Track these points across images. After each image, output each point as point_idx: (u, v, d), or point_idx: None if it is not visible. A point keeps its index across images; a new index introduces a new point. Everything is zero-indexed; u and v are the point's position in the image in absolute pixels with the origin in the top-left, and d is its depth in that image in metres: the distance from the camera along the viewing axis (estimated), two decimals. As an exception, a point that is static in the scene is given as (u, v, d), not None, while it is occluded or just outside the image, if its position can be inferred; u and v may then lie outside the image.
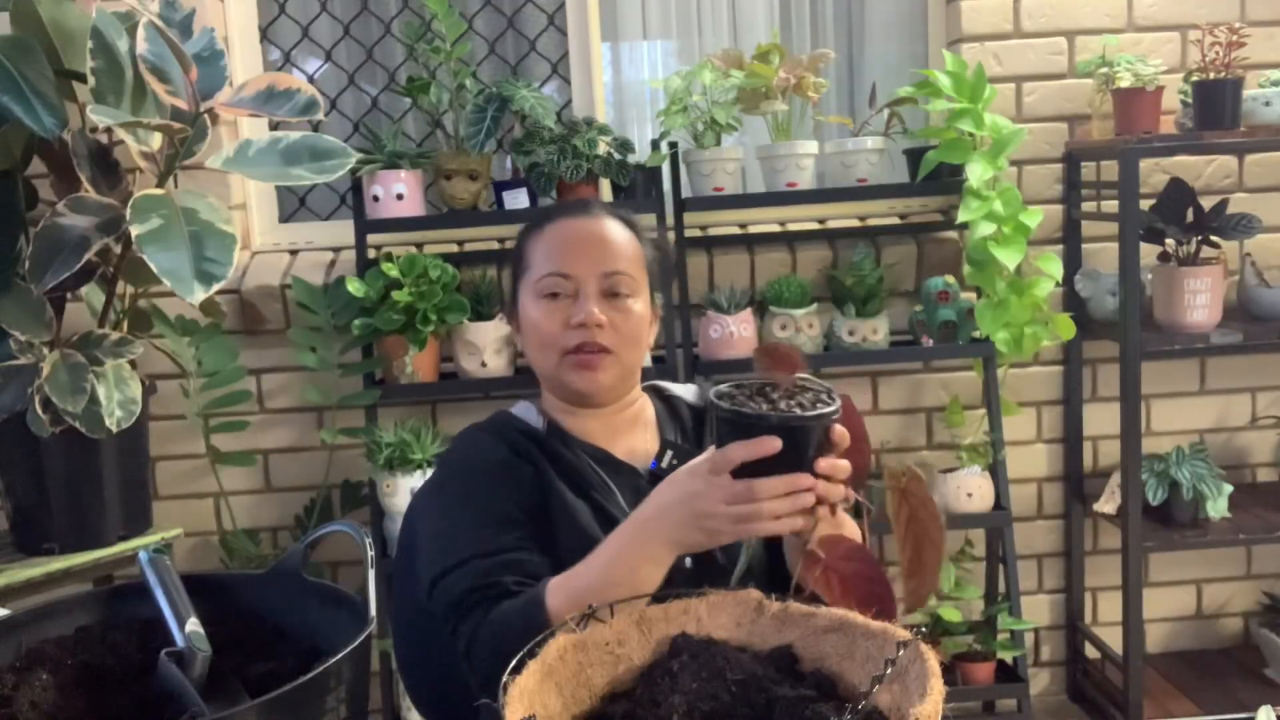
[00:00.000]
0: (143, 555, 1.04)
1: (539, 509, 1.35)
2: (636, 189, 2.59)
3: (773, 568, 1.43)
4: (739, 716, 0.94)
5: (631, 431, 1.46)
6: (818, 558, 1.07)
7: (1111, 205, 2.61)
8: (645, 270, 1.43)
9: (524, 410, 1.48)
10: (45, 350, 2.17)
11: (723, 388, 1.09)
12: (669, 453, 1.42)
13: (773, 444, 1.03)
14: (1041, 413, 2.89)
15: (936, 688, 0.86)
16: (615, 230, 1.41)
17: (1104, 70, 2.61)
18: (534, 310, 1.38)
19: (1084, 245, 2.81)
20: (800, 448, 1.05)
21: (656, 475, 1.41)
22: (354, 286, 2.52)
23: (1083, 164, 2.77)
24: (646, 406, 1.50)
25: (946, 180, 2.63)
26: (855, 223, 2.87)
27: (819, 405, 1.06)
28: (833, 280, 2.70)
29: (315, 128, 2.64)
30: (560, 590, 1.18)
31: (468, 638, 1.24)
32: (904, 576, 1.10)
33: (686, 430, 1.51)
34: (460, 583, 1.27)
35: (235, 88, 2.11)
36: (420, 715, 1.62)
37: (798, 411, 1.05)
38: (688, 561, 1.37)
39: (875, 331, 2.63)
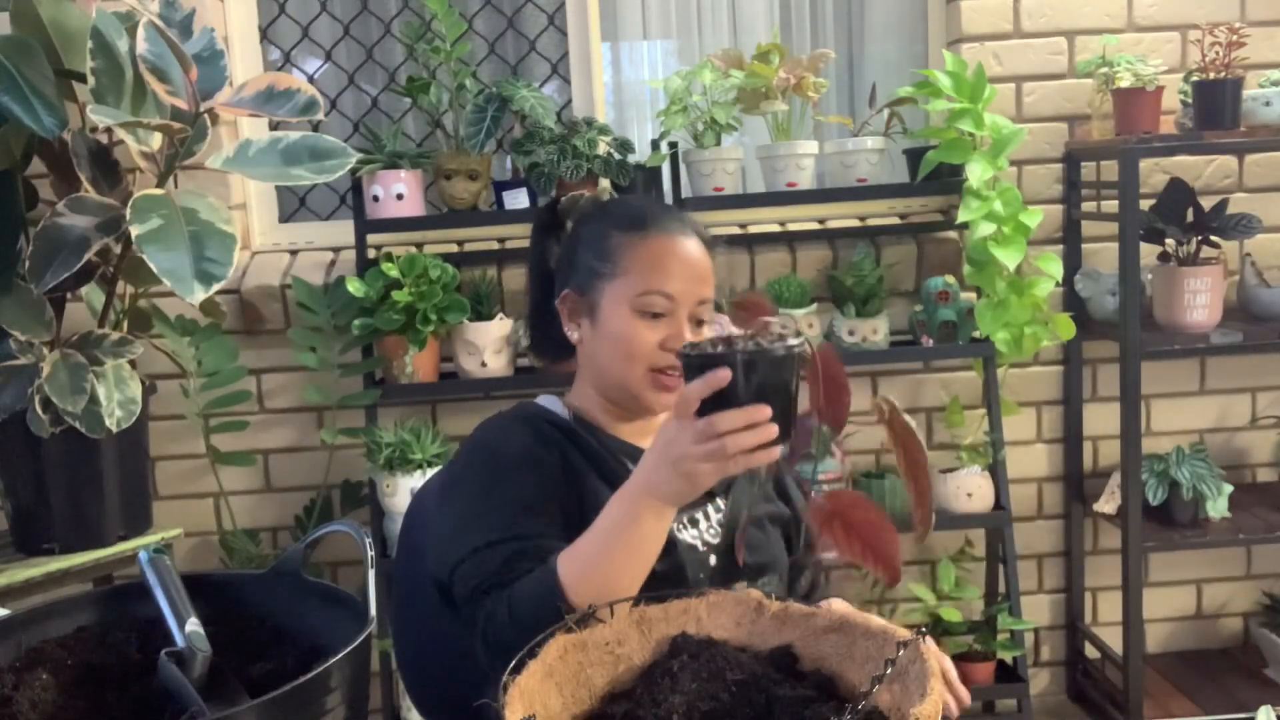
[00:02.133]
0: (143, 555, 1.04)
1: (567, 498, 1.34)
2: (636, 189, 2.59)
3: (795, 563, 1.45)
4: (739, 716, 0.94)
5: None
6: (825, 508, 1.09)
7: (1111, 205, 2.61)
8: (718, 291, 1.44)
9: (549, 402, 1.47)
10: (45, 350, 2.17)
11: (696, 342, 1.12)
12: None
13: (723, 375, 1.05)
14: (1041, 413, 2.89)
15: (936, 688, 0.86)
16: (703, 254, 1.40)
17: (1104, 70, 2.61)
18: (627, 322, 1.35)
19: (1084, 245, 2.81)
20: (761, 383, 1.06)
21: None
22: (354, 286, 2.52)
23: (1083, 164, 2.77)
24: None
25: (946, 180, 2.63)
26: (855, 223, 2.87)
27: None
28: (833, 280, 2.70)
29: (315, 128, 2.64)
30: (569, 557, 1.19)
31: (484, 618, 1.23)
32: (914, 506, 1.13)
33: None
34: (484, 566, 1.27)
35: (235, 88, 2.11)
36: (420, 715, 1.62)
37: (766, 346, 1.07)
38: (713, 559, 1.38)
39: (875, 331, 2.64)
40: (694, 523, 1.39)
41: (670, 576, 1.28)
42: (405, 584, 1.56)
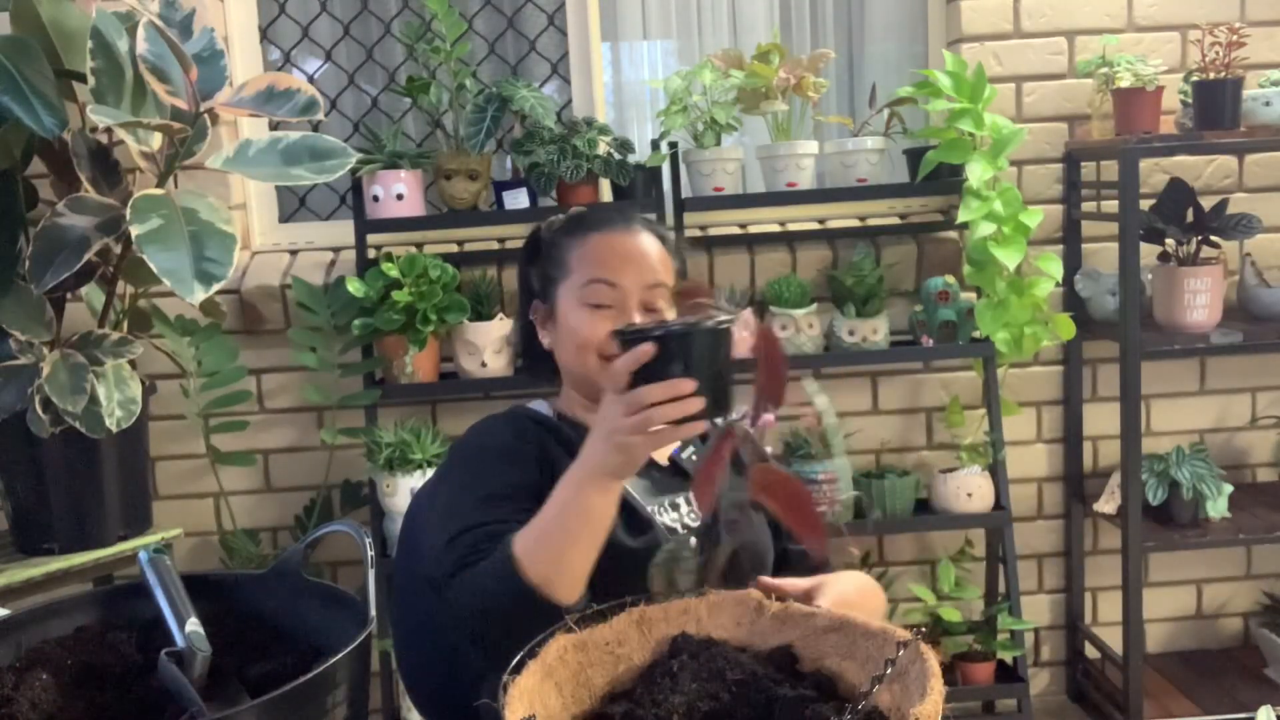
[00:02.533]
0: (143, 555, 1.04)
1: (544, 486, 1.36)
2: (636, 189, 2.59)
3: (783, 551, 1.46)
4: (739, 716, 0.94)
5: None
6: (758, 480, 1.11)
7: (1111, 205, 2.61)
8: (675, 281, 1.48)
9: (538, 405, 1.54)
10: (45, 350, 2.17)
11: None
12: (690, 446, 1.48)
13: (646, 349, 1.09)
14: (1041, 413, 2.89)
15: (936, 688, 0.86)
16: (654, 244, 1.46)
17: (1104, 70, 2.61)
18: (576, 316, 1.43)
19: (1084, 245, 2.81)
20: (687, 357, 1.09)
21: (675, 462, 1.47)
22: (354, 286, 2.52)
23: (1083, 164, 2.77)
24: None
25: (946, 180, 2.63)
26: (855, 223, 2.87)
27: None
28: (833, 280, 2.70)
29: (315, 128, 2.64)
30: (523, 534, 1.23)
31: (452, 600, 1.28)
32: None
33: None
34: (453, 553, 1.32)
35: (235, 88, 2.11)
36: (420, 715, 1.62)
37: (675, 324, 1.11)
38: (693, 541, 1.38)
39: (875, 331, 2.64)
40: (675, 506, 1.43)
41: (650, 554, 1.28)
42: (404, 583, 1.57)
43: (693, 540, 1.38)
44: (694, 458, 1.46)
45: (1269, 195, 2.83)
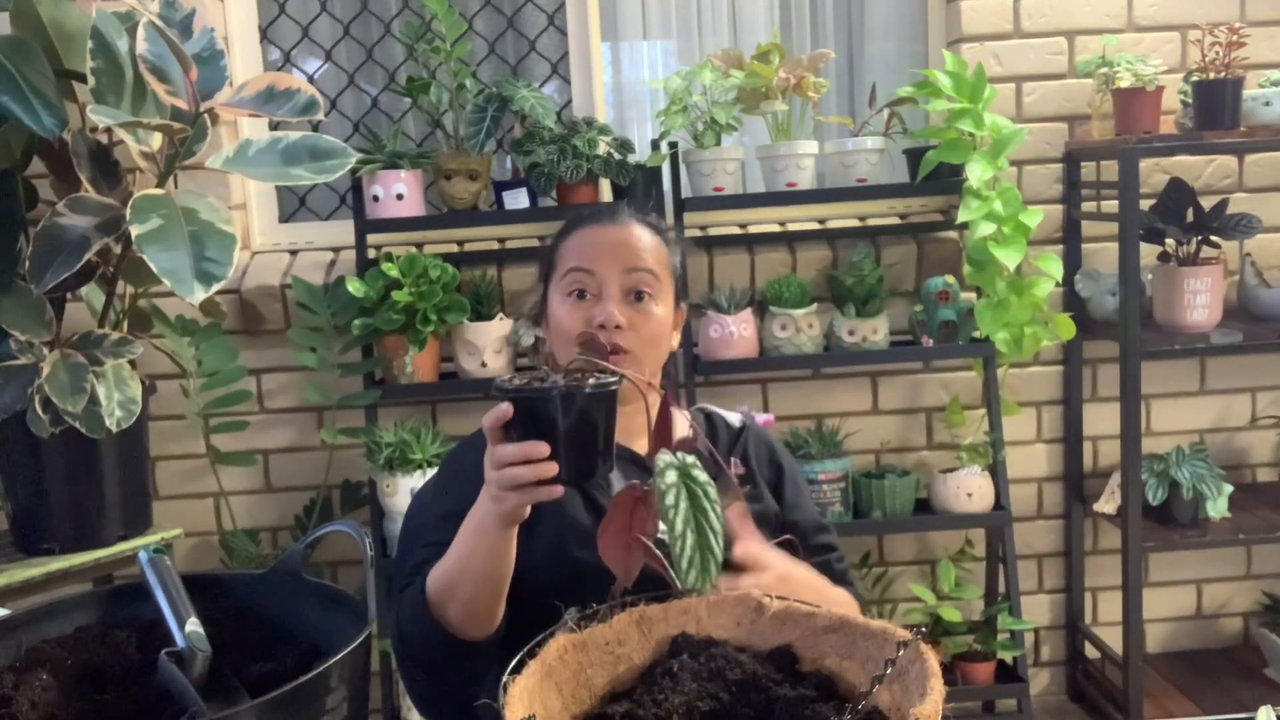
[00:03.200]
0: (143, 555, 1.04)
1: None
2: (636, 189, 2.59)
3: None
4: (739, 716, 0.94)
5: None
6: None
7: (1111, 205, 2.61)
8: (670, 274, 1.47)
9: None
10: (45, 350, 2.17)
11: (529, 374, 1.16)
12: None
13: (503, 410, 1.09)
14: (1041, 413, 2.89)
15: (936, 688, 0.86)
16: (640, 233, 1.45)
17: (1104, 70, 2.61)
18: (559, 308, 1.42)
19: (1084, 245, 2.81)
20: (544, 420, 1.07)
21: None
22: (354, 286, 2.52)
23: (1083, 164, 2.77)
24: (680, 419, 1.51)
25: (946, 180, 2.63)
26: (855, 223, 2.87)
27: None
28: (833, 280, 2.70)
29: (315, 128, 2.64)
30: (434, 572, 1.26)
31: (391, 620, 1.34)
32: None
33: (719, 445, 1.52)
34: (399, 573, 1.38)
35: (235, 88, 2.11)
36: (420, 715, 1.62)
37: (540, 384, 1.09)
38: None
39: (875, 331, 2.64)
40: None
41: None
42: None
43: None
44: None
45: (1269, 195, 2.83)
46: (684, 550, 1.02)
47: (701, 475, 1.02)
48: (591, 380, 1.09)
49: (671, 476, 1.01)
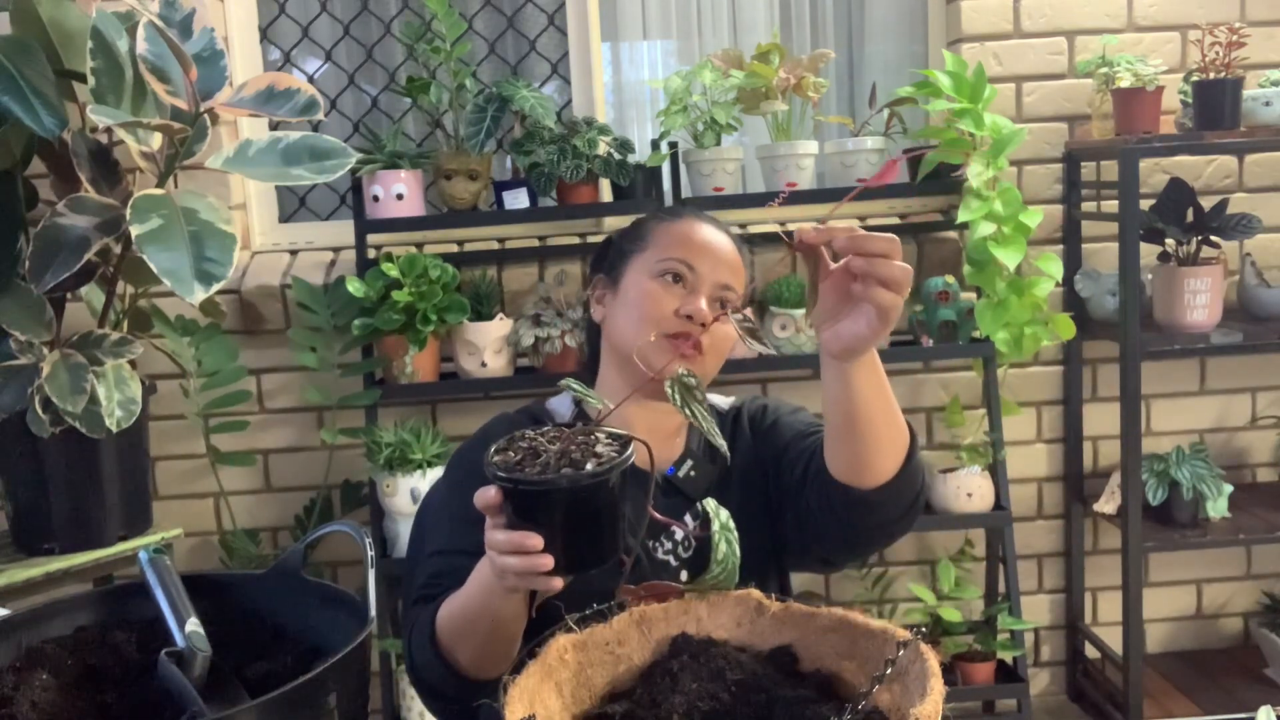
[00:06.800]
0: (143, 555, 1.04)
1: None
2: (636, 189, 2.59)
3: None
4: (739, 716, 0.94)
5: (671, 439, 1.45)
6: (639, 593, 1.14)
7: (1111, 205, 2.61)
8: (740, 300, 1.45)
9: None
10: (45, 350, 2.17)
11: (531, 432, 1.05)
12: (689, 461, 1.43)
13: (486, 494, 1.02)
14: (1041, 413, 2.89)
15: (936, 688, 0.86)
16: (738, 252, 1.44)
17: (1104, 70, 2.61)
18: (646, 285, 1.38)
19: (1084, 245, 2.81)
20: (541, 511, 0.98)
21: (671, 481, 1.41)
22: (354, 286, 2.52)
23: (1083, 164, 2.77)
24: (680, 419, 1.50)
25: (946, 180, 2.63)
26: (855, 223, 2.87)
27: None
28: (833, 280, 2.70)
29: (315, 128, 2.64)
30: (443, 613, 1.23)
31: (405, 634, 1.32)
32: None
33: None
34: (416, 579, 1.35)
35: (235, 88, 2.11)
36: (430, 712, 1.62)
37: (529, 474, 0.98)
38: (684, 575, 1.38)
39: (875, 331, 2.63)
40: (670, 536, 1.38)
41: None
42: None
43: (684, 574, 1.37)
44: (692, 474, 1.41)
45: (1269, 195, 2.83)
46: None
47: None
48: (591, 463, 0.97)
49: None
